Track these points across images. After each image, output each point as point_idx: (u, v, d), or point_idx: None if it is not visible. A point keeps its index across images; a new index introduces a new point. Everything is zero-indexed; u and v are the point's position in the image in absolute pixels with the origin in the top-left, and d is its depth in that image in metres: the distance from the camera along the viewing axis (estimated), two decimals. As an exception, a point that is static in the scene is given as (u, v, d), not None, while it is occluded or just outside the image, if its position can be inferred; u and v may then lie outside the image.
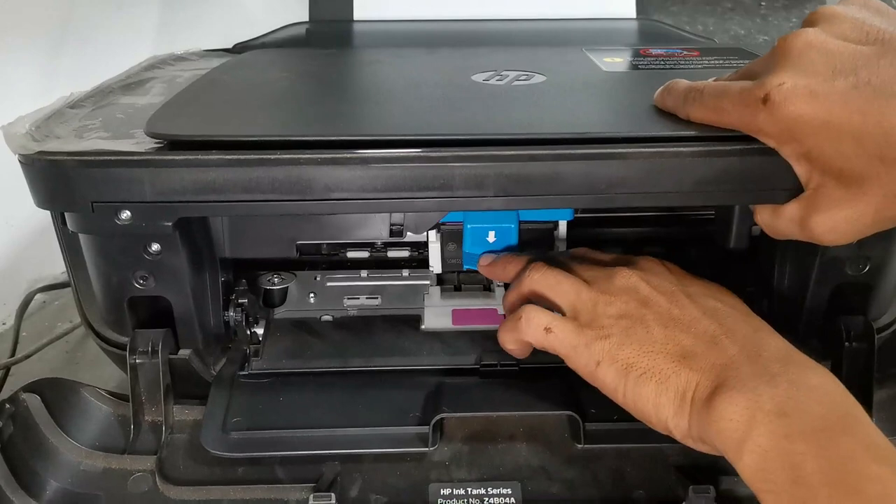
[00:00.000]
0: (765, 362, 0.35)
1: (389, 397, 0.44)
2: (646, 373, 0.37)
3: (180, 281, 0.42)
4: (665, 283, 0.41)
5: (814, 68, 0.34)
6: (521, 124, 0.41)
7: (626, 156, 0.38)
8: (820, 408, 0.33)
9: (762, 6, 0.77)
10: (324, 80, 0.52)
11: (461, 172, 0.38)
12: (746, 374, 0.35)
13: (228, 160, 0.38)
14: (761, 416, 0.33)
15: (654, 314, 0.39)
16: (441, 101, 0.45)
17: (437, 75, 0.52)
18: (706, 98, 0.39)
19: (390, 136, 0.39)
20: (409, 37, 0.68)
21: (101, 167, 0.38)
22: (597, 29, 0.69)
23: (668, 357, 0.37)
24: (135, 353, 0.43)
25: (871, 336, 0.43)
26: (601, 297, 0.40)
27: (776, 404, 0.33)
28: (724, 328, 0.38)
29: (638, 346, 0.38)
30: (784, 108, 0.35)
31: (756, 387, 0.34)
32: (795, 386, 0.34)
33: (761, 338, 0.37)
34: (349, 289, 0.53)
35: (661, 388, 0.37)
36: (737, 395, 0.34)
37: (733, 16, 0.77)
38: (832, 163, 0.35)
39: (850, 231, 0.36)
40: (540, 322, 0.41)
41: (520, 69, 0.53)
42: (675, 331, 0.38)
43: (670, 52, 0.60)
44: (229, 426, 0.42)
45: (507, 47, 0.62)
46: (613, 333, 0.39)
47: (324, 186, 0.38)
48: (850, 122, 0.33)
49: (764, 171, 0.38)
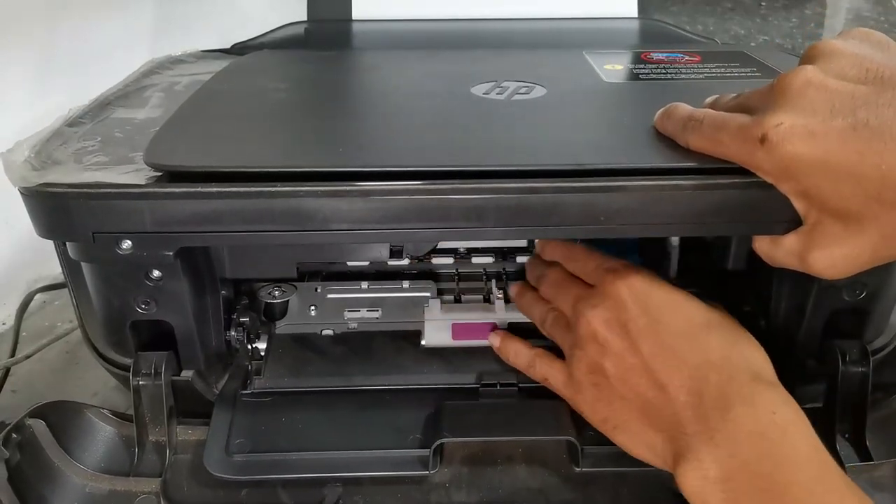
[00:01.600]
0: (705, 412, 0.37)
1: (390, 418, 0.45)
2: (618, 427, 0.41)
3: (182, 305, 0.43)
4: (623, 314, 0.41)
5: (812, 107, 0.34)
6: (521, 153, 0.41)
7: (626, 188, 0.38)
8: (760, 463, 0.35)
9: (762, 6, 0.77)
10: (322, 95, 0.52)
11: (461, 204, 0.38)
12: (692, 435, 0.37)
13: (228, 192, 0.38)
14: (710, 486, 0.35)
15: (613, 364, 0.41)
16: (441, 121, 0.45)
17: (436, 86, 0.52)
18: (705, 129, 0.38)
19: (390, 167, 0.39)
20: (408, 37, 0.68)
21: (101, 199, 0.38)
22: (598, 29, 0.68)
23: (633, 412, 0.40)
24: (138, 375, 0.44)
25: (867, 359, 0.44)
26: (574, 352, 0.43)
27: (720, 469, 0.35)
28: (671, 369, 0.39)
29: (607, 402, 0.41)
30: (781, 148, 0.34)
31: (699, 453, 0.36)
32: (734, 441, 0.36)
33: (704, 372, 0.38)
34: (350, 301, 0.53)
35: (635, 442, 0.40)
36: (688, 467, 0.36)
37: (733, 16, 0.77)
38: (830, 202, 0.35)
39: (847, 267, 0.36)
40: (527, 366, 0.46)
41: (520, 79, 0.52)
42: (632, 379, 0.40)
43: (671, 57, 0.60)
44: (232, 448, 0.43)
45: (506, 52, 0.62)
46: (586, 390, 0.42)
47: (324, 217, 0.38)
48: (848, 162, 0.33)
49: (763, 203, 0.38)
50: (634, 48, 0.63)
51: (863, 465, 0.42)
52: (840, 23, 0.95)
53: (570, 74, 0.55)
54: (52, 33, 0.68)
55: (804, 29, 0.86)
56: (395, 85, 0.53)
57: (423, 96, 0.49)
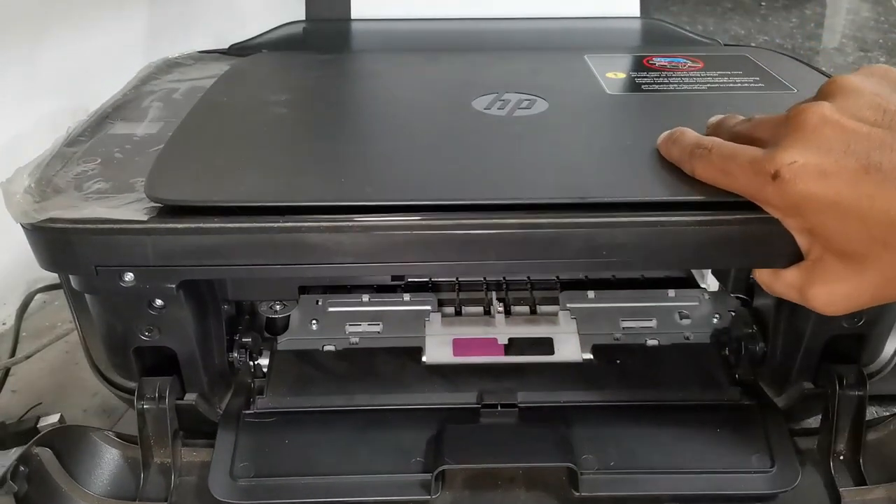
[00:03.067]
0: None
1: (392, 439, 0.46)
2: None
3: (185, 332, 0.43)
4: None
5: (827, 146, 0.34)
6: (523, 184, 0.40)
7: (629, 224, 0.38)
8: None
9: (762, 6, 0.76)
10: (321, 109, 0.51)
11: (462, 239, 0.38)
12: None
13: (230, 228, 0.38)
14: None
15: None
16: (443, 143, 0.45)
17: (437, 99, 0.51)
18: (714, 159, 0.38)
19: (391, 201, 0.38)
20: (407, 37, 0.67)
21: (103, 235, 0.38)
22: (601, 29, 0.67)
23: None
24: (142, 399, 0.44)
25: (864, 384, 0.44)
26: None
27: None
28: None
29: None
30: (793, 186, 0.34)
31: None
32: None
33: None
34: (351, 315, 0.53)
35: None
36: None
37: (733, 16, 0.76)
38: (836, 241, 0.35)
39: (847, 305, 0.36)
40: None
41: (521, 90, 0.52)
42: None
43: (674, 62, 0.59)
44: (237, 472, 0.43)
45: (508, 56, 0.61)
46: None
47: (325, 251, 0.38)
48: (858, 205, 0.33)
49: (766, 238, 0.38)
50: (637, 49, 0.62)
51: (857, 489, 0.43)
52: (840, 23, 0.94)
53: (572, 85, 0.54)
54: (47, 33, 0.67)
55: (804, 29, 0.85)
56: (396, 98, 0.53)
57: (425, 112, 0.49)
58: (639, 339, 0.52)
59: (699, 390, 0.48)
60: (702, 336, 0.52)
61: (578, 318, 0.53)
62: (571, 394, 0.48)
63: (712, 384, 0.49)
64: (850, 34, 0.95)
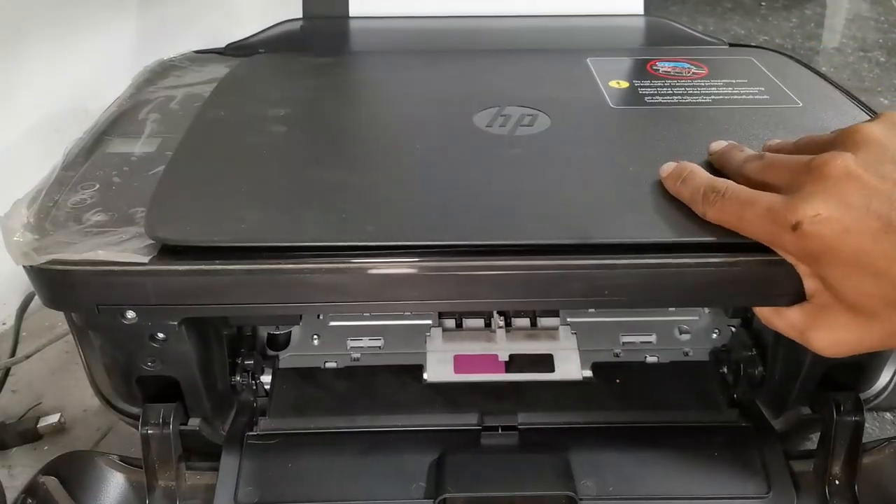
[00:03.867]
0: None
1: (394, 462, 0.46)
2: None
3: (187, 362, 0.43)
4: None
5: (849, 202, 0.33)
6: (525, 226, 0.39)
7: (631, 266, 0.38)
8: None
9: (762, 6, 0.74)
10: (320, 129, 0.50)
11: (461, 280, 0.38)
12: None
13: (231, 270, 0.38)
14: None
15: None
16: (445, 173, 0.44)
17: (438, 116, 0.51)
18: (727, 204, 0.37)
19: (392, 241, 0.38)
20: (405, 35, 0.66)
21: (104, 276, 0.38)
22: (604, 27, 0.66)
23: None
24: (147, 425, 0.44)
25: (861, 410, 0.45)
26: None
27: None
28: None
29: None
30: (814, 239, 0.34)
31: None
32: None
33: None
34: (352, 329, 0.54)
35: None
36: None
37: (733, 16, 0.74)
38: (847, 294, 0.35)
39: (847, 351, 0.37)
40: None
41: (524, 103, 0.51)
42: None
43: (678, 68, 0.59)
44: (241, 497, 0.44)
45: (510, 58, 0.60)
46: None
47: (325, 292, 0.38)
48: (875, 265, 0.33)
49: (770, 279, 0.38)
50: (641, 49, 0.61)
51: (851, 514, 0.44)
52: (840, 23, 0.92)
53: (575, 97, 0.53)
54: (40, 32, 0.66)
55: (804, 29, 0.83)
56: (397, 116, 0.52)
57: (427, 131, 0.48)
58: (638, 355, 0.53)
59: (697, 411, 0.49)
60: (701, 353, 0.53)
61: (578, 333, 0.53)
62: (571, 415, 0.49)
63: (710, 405, 0.49)
64: (850, 34, 0.93)
